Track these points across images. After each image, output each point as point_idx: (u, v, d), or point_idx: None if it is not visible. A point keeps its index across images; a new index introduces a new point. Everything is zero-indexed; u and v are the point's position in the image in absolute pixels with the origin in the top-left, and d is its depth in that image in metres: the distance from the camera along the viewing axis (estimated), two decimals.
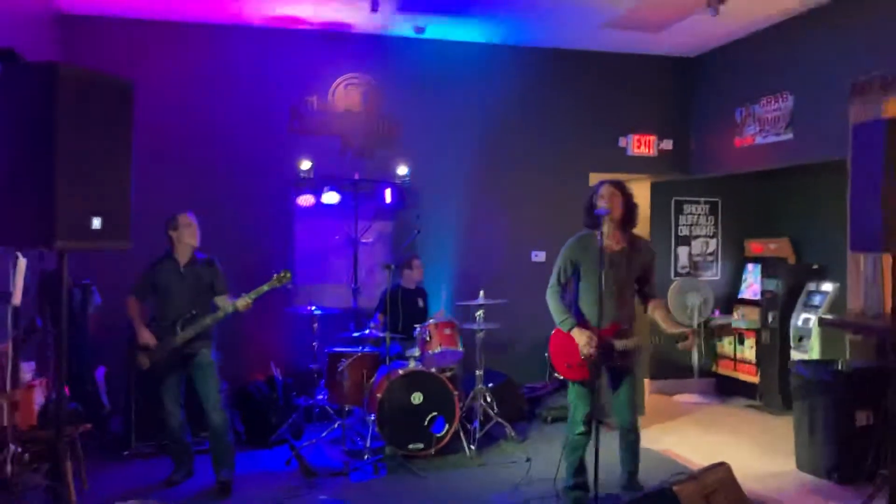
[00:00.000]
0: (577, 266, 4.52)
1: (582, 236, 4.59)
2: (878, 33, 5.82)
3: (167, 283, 5.06)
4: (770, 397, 7.50)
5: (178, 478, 5.19)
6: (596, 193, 4.50)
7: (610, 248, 4.46)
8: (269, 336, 6.91)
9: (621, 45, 7.77)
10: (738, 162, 7.61)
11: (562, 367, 4.57)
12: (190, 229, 5.09)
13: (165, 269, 5.09)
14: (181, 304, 5.03)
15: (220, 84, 7.08)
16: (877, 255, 5.44)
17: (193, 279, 5.08)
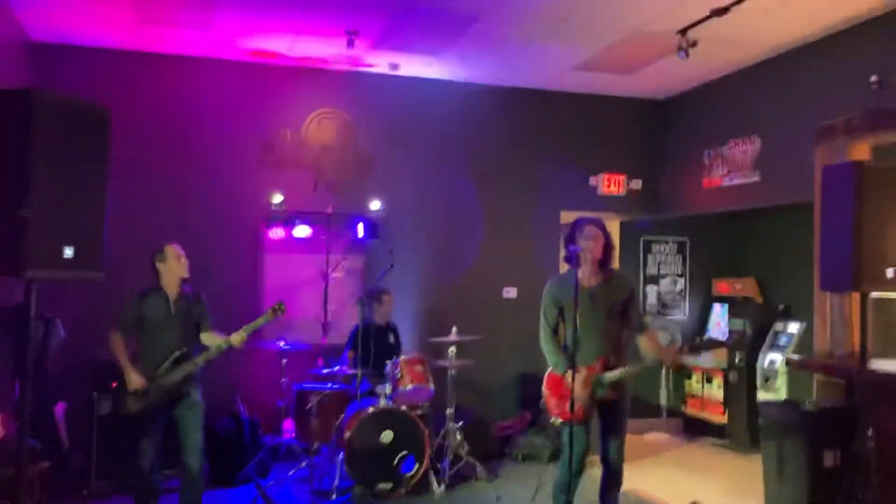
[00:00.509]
0: (560, 306, 4.52)
1: (560, 276, 4.65)
2: (841, 80, 5.98)
3: (156, 319, 4.79)
4: (738, 437, 7.53)
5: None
6: (578, 231, 4.52)
7: (589, 283, 4.47)
8: (236, 372, 6.78)
9: (593, 86, 7.89)
10: (706, 202, 7.73)
11: (557, 409, 4.51)
12: (179, 261, 4.88)
13: (154, 304, 4.81)
14: (171, 341, 4.77)
15: (194, 116, 7.04)
16: (843, 295, 5.52)
17: (183, 315, 4.85)
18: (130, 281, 5.08)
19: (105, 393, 5.67)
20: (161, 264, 4.86)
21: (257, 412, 6.64)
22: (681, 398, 8.50)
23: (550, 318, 4.55)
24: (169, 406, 4.81)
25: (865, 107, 5.60)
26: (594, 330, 4.40)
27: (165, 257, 4.86)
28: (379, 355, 6.23)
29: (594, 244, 4.45)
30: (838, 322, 5.76)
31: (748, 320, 7.52)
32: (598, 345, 4.41)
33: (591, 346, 4.40)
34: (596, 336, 4.40)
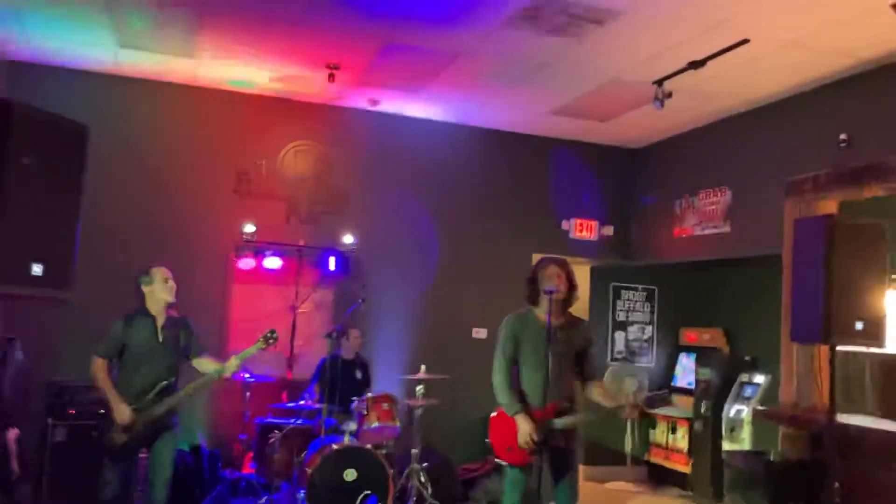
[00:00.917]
0: (517, 343, 4.44)
1: (520, 314, 4.52)
2: (811, 137, 6.13)
3: (142, 347, 4.57)
4: (701, 487, 7.49)
5: None
6: (541, 270, 4.50)
7: (546, 323, 4.43)
8: (197, 403, 6.63)
9: (568, 131, 8.00)
10: (677, 251, 7.82)
11: (502, 450, 4.40)
12: (167, 284, 4.68)
13: (140, 330, 4.59)
14: (157, 370, 4.56)
15: (169, 141, 7.00)
16: (810, 348, 5.58)
17: (171, 342, 4.65)
18: (96, 304, 4.98)
19: (61, 419, 5.50)
20: (147, 287, 4.66)
21: (218, 445, 6.49)
22: (645, 447, 8.47)
23: (508, 356, 4.42)
24: (149, 439, 4.59)
25: (833, 164, 5.73)
26: (547, 371, 4.27)
27: (152, 280, 4.67)
28: (345, 391, 6.13)
29: (558, 283, 4.43)
30: (804, 374, 5.81)
31: (715, 370, 7.53)
32: (552, 389, 4.28)
33: (542, 388, 4.28)
34: (548, 377, 4.27)
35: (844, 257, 3.95)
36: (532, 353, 4.37)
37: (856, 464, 4.82)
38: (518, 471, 4.37)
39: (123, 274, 6.25)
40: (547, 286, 4.36)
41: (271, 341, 4.82)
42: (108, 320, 4.90)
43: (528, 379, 4.38)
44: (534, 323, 4.43)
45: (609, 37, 5.49)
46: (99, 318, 5.61)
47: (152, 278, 4.68)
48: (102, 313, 5.73)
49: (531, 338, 4.38)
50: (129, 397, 4.53)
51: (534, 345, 4.37)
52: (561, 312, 4.43)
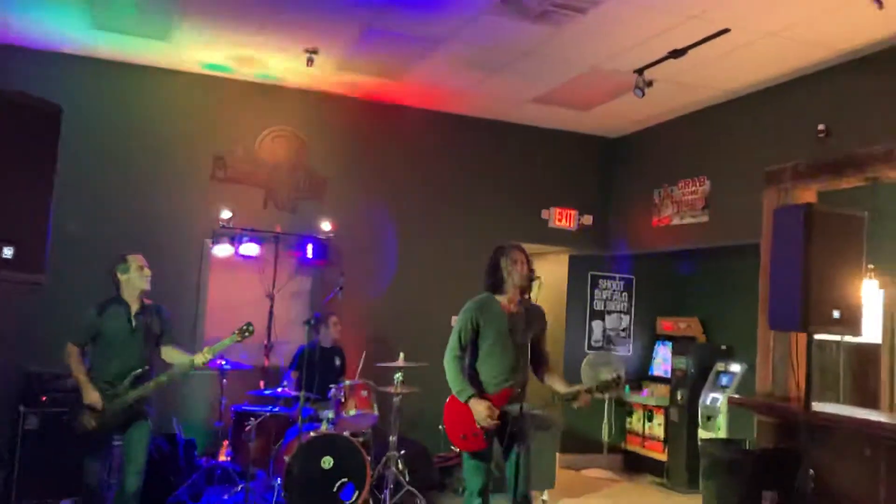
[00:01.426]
0: (477, 328, 4.43)
1: (480, 299, 4.51)
2: (789, 126, 6.17)
3: (115, 334, 4.57)
4: (677, 475, 7.57)
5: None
6: (503, 256, 4.48)
7: (509, 310, 4.43)
8: (173, 390, 6.55)
9: (549, 120, 7.98)
10: (655, 241, 7.84)
11: (457, 438, 4.39)
12: (142, 272, 4.68)
13: (114, 317, 4.60)
14: (131, 358, 4.56)
15: (145, 125, 6.88)
16: (787, 337, 5.61)
17: (144, 330, 4.65)
18: (68, 289, 4.90)
19: (33, 407, 5.41)
20: (123, 275, 4.66)
21: (194, 433, 6.43)
22: (621, 434, 8.53)
23: (464, 342, 4.43)
24: (122, 426, 4.60)
25: (812, 153, 5.76)
26: (508, 358, 4.33)
27: (128, 268, 4.66)
28: (323, 379, 6.10)
29: (521, 268, 4.41)
30: (780, 363, 5.85)
31: (691, 359, 7.60)
32: (507, 374, 4.33)
33: (501, 374, 4.34)
34: (508, 364, 4.33)
35: (823, 246, 3.98)
36: (494, 340, 4.38)
37: (830, 451, 4.86)
38: (475, 457, 4.37)
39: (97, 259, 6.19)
40: (524, 273, 4.36)
41: (247, 334, 4.83)
42: (81, 307, 4.86)
43: (490, 365, 4.38)
44: (496, 309, 4.43)
45: (590, 25, 5.47)
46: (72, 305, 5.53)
47: (128, 266, 4.67)
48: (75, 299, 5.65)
49: (493, 324, 4.38)
50: (102, 384, 4.53)
51: (496, 331, 4.38)
52: (518, 299, 4.44)
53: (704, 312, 8.24)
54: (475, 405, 4.26)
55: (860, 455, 4.69)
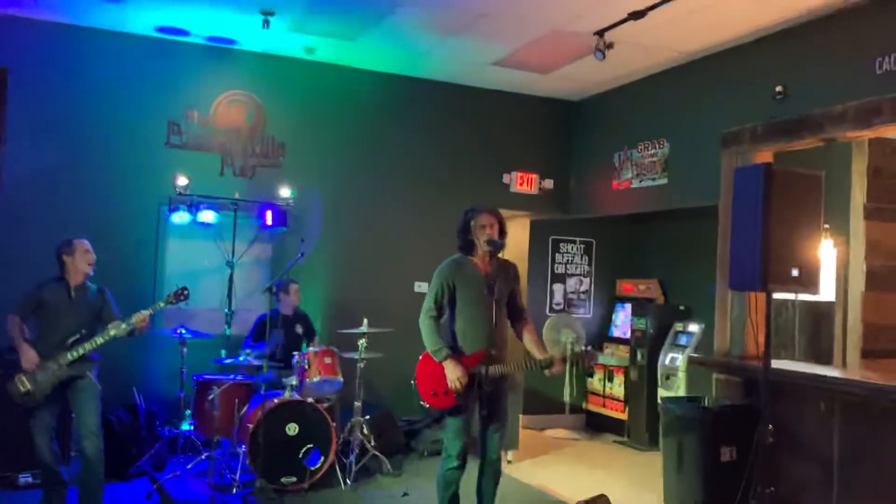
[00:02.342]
0: (452, 290, 4.44)
1: (454, 260, 4.53)
2: (746, 88, 6.21)
3: (54, 304, 4.70)
4: (637, 433, 7.72)
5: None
6: (473, 219, 4.48)
7: (484, 270, 4.45)
8: (133, 361, 6.46)
9: (509, 84, 7.94)
10: (615, 204, 7.90)
11: (427, 395, 4.43)
12: (87, 257, 4.82)
13: (54, 290, 4.75)
14: (69, 325, 4.68)
15: (97, 90, 6.68)
16: (744, 296, 5.72)
17: (83, 302, 4.77)
18: (14, 261, 4.79)
19: None
20: (68, 258, 4.79)
21: (155, 403, 6.35)
22: (583, 395, 8.66)
23: (441, 299, 4.45)
24: (62, 389, 4.66)
25: (769, 115, 5.82)
26: (484, 318, 4.34)
27: (73, 251, 4.79)
28: (286, 346, 6.07)
29: (491, 232, 4.42)
30: (738, 322, 5.96)
31: (650, 320, 7.71)
32: (484, 334, 4.34)
33: (478, 334, 4.36)
34: (485, 324, 4.34)
35: (782, 206, 4.02)
36: (469, 301, 4.40)
37: (787, 407, 4.99)
38: (455, 418, 4.40)
39: (45, 229, 6.04)
40: (490, 238, 4.37)
41: (182, 297, 4.90)
42: (29, 277, 4.82)
43: (466, 326, 4.41)
44: (470, 270, 4.45)
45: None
46: (18, 275, 5.39)
47: (73, 250, 4.80)
48: (21, 270, 5.52)
49: (468, 285, 4.41)
50: (44, 350, 4.62)
51: (471, 292, 4.40)
52: (490, 259, 4.45)
53: (663, 274, 8.35)
54: (450, 367, 4.28)
55: (816, 410, 4.83)
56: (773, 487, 4.23)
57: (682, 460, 5.51)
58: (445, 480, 4.46)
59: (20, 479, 5.27)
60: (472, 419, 4.43)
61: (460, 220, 4.55)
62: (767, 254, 3.94)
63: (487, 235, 4.39)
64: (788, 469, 4.98)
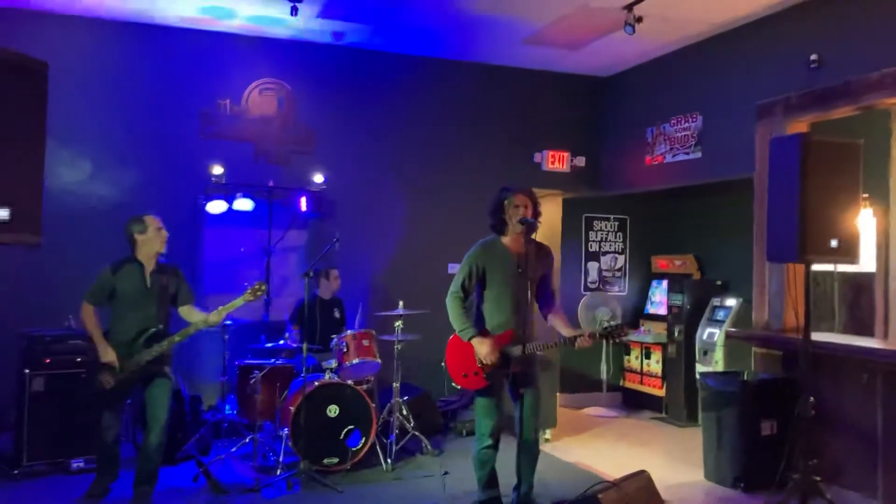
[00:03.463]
0: (483, 271, 4.46)
1: (486, 242, 4.55)
2: (780, 59, 6.10)
3: (130, 293, 4.63)
4: (675, 410, 7.70)
5: (98, 490, 4.83)
6: (508, 199, 4.47)
7: (515, 251, 4.45)
8: (177, 347, 6.56)
9: (538, 62, 7.89)
10: (648, 179, 7.83)
11: (458, 376, 4.48)
12: (161, 234, 4.73)
13: (129, 276, 4.66)
14: (146, 317, 4.65)
15: (131, 82, 6.78)
16: (782, 269, 5.66)
17: (159, 289, 4.70)
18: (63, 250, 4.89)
19: (38, 369, 5.43)
20: (140, 235, 4.68)
21: (199, 388, 6.48)
22: (620, 373, 8.64)
23: (468, 283, 4.46)
24: (140, 383, 4.73)
25: (804, 85, 5.73)
26: (514, 299, 4.36)
27: (146, 228, 4.69)
28: (324, 330, 6.15)
29: (525, 212, 4.42)
30: (776, 296, 5.91)
31: (687, 296, 7.66)
32: (513, 314, 4.36)
33: (507, 315, 4.38)
34: (514, 305, 4.36)
35: (819, 175, 3.98)
36: (499, 282, 4.42)
37: (827, 380, 4.95)
38: (485, 398, 4.44)
39: (89, 219, 6.18)
40: (522, 217, 4.38)
41: (259, 293, 4.84)
42: (77, 267, 4.88)
43: (494, 307, 4.43)
44: (502, 252, 4.45)
45: None
46: (67, 265, 5.55)
47: (146, 226, 4.70)
48: (70, 260, 5.66)
49: (499, 267, 4.42)
50: (119, 344, 4.63)
51: (501, 274, 4.41)
52: (524, 239, 4.45)
53: (699, 249, 8.28)
54: (478, 345, 4.31)
55: (858, 382, 4.78)
56: (815, 461, 4.20)
57: (722, 435, 5.50)
58: (480, 460, 4.52)
59: (72, 464, 5.42)
60: (503, 399, 4.47)
61: (493, 199, 4.56)
62: (805, 225, 3.91)
63: (521, 215, 4.40)
64: (830, 443, 4.95)
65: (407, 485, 5.41)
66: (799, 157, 3.92)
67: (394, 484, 5.44)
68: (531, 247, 4.40)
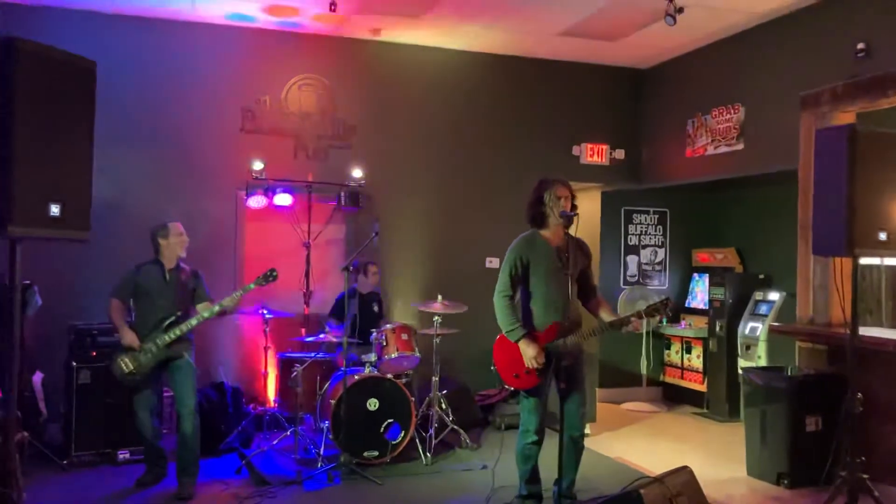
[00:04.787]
0: (526, 266, 4.44)
1: (526, 236, 4.52)
2: (826, 48, 5.98)
3: (151, 287, 4.99)
4: (717, 405, 7.61)
5: (149, 479, 5.10)
6: (546, 192, 4.45)
7: (555, 245, 4.43)
8: (219, 341, 6.69)
9: (577, 53, 7.83)
10: (689, 172, 7.73)
11: (509, 377, 4.46)
12: (180, 239, 5.10)
13: (150, 273, 5.04)
14: (165, 307, 4.96)
15: (172, 79, 6.86)
16: (827, 262, 5.55)
17: (177, 284, 5.04)
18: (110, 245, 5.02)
19: (84, 362, 5.57)
20: (163, 240, 5.05)
21: (240, 381, 6.58)
22: (660, 367, 8.57)
23: (513, 279, 4.44)
24: (160, 369, 4.96)
25: (850, 74, 5.60)
26: (558, 292, 4.34)
27: (168, 234, 5.05)
28: (364, 324, 6.19)
29: (566, 204, 4.39)
30: (821, 289, 5.80)
31: (728, 289, 7.56)
32: (558, 307, 4.35)
33: (552, 308, 4.36)
34: (558, 298, 4.34)
35: (867, 167, 3.89)
36: (542, 276, 4.40)
37: (875, 375, 4.86)
38: (531, 395, 4.43)
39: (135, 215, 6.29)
40: (563, 209, 4.36)
41: (270, 279, 5.13)
42: (123, 261, 5.09)
43: (539, 301, 4.41)
44: (542, 245, 4.44)
45: None
46: (114, 260, 5.66)
47: (168, 232, 5.06)
48: (117, 255, 5.78)
49: (541, 260, 4.40)
50: (143, 332, 4.91)
51: (544, 267, 4.39)
52: (563, 232, 4.43)
53: (741, 242, 8.16)
54: (525, 346, 4.30)
55: None
56: (863, 458, 4.12)
57: (766, 431, 5.43)
58: (524, 455, 4.52)
59: (119, 455, 5.54)
60: (548, 394, 4.46)
61: (533, 192, 4.53)
62: (853, 218, 3.82)
63: (562, 207, 4.37)
64: (879, 439, 4.86)
65: (446, 478, 5.44)
66: (846, 149, 3.84)
67: (434, 477, 5.46)
68: (570, 241, 4.39)
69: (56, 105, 2.81)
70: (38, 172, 2.73)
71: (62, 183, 2.83)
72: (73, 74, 2.88)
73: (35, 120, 2.71)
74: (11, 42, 2.66)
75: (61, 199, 2.81)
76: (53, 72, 2.80)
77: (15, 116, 2.63)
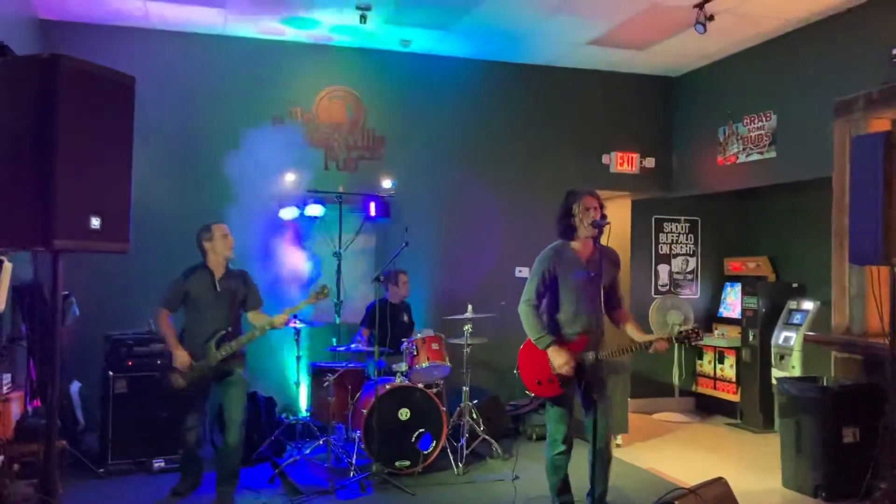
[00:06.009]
0: (554, 277, 4.43)
1: (555, 247, 4.51)
2: (859, 54, 5.91)
3: (201, 296, 4.90)
4: (750, 415, 7.51)
5: (184, 489, 5.11)
6: (576, 203, 4.44)
7: (584, 256, 4.42)
8: (251, 350, 6.69)
9: (605, 63, 7.82)
10: (721, 180, 7.67)
11: (532, 384, 4.46)
12: (226, 240, 4.97)
13: (200, 281, 4.93)
14: (216, 319, 4.88)
15: (204, 93, 6.97)
16: (863, 271, 5.48)
17: (228, 294, 4.95)
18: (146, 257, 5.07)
19: (120, 372, 5.65)
20: (208, 244, 4.94)
21: (272, 391, 6.62)
22: (692, 377, 8.49)
23: (540, 290, 4.43)
24: (214, 382, 4.94)
25: (885, 80, 5.53)
26: (587, 303, 4.33)
27: (212, 236, 4.94)
28: (394, 333, 6.20)
29: (595, 213, 4.38)
30: (857, 298, 5.72)
31: (761, 299, 7.48)
32: (586, 319, 4.34)
33: (580, 319, 4.35)
34: (587, 309, 4.33)
35: None
36: (571, 287, 4.38)
37: None
38: (557, 405, 4.42)
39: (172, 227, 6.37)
40: (595, 219, 4.35)
41: (322, 297, 5.01)
42: (160, 273, 5.11)
43: (567, 312, 4.40)
44: (571, 256, 4.42)
45: None
46: (151, 272, 5.75)
47: (213, 235, 4.94)
48: (154, 267, 5.87)
49: (570, 271, 4.38)
50: (192, 346, 4.84)
51: (573, 279, 4.37)
52: (592, 243, 4.42)
53: (774, 251, 8.07)
54: (553, 354, 4.29)
55: None
56: None
57: (801, 442, 5.35)
58: (554, 465, 4.51)
59: (154, 464, 5.61)
60: (574, 404, 4.45)
61: (561, 204, 4.52)
62: (890, 225, 3.77)
63: (592, 217, 4.36)
64: None
65: (478, 488, 5.43)
66: (883, 156, 3.80)
67: (465, 487, 5.46)
68: (600, 251, 4.38)
69: (97, 120, 2.88)
70: (80, 186, 2.79)
71: (102, 196, 2.90)
72: (113, 90, 2.95)
73: (77, 135, 2.78)
74: (56, 60, 2.73)
75: (101, 212, 2.87)
76: (95, 88, 2.87)
77: (59, 132, 2.70)
